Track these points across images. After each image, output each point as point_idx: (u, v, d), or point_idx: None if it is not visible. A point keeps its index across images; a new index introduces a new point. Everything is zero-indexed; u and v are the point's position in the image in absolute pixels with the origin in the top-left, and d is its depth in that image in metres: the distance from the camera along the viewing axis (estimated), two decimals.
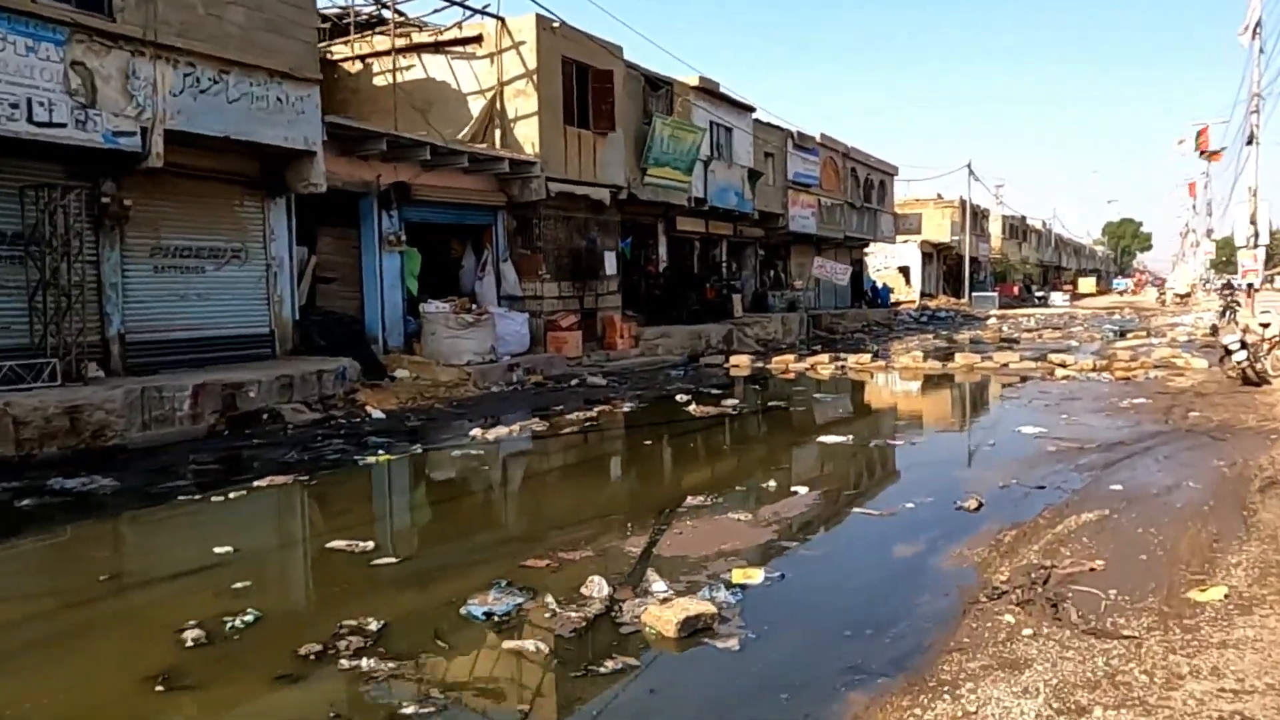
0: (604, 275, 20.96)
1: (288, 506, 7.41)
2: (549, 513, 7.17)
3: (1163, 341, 23.67)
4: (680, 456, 9.54)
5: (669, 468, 9.14)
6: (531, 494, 8.04)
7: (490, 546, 6.10)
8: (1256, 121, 27.96)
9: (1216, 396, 12.63)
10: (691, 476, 8.54)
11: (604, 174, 20.39)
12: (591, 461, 9.51)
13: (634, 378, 17.81)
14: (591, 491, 8.13)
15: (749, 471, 8.54)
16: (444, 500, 7.80)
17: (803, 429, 11.10)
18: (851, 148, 35.48)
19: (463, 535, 6.57)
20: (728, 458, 9.43)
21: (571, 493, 8.01)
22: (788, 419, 12.14)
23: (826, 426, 11.17)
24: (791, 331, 28.54)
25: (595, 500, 7.67)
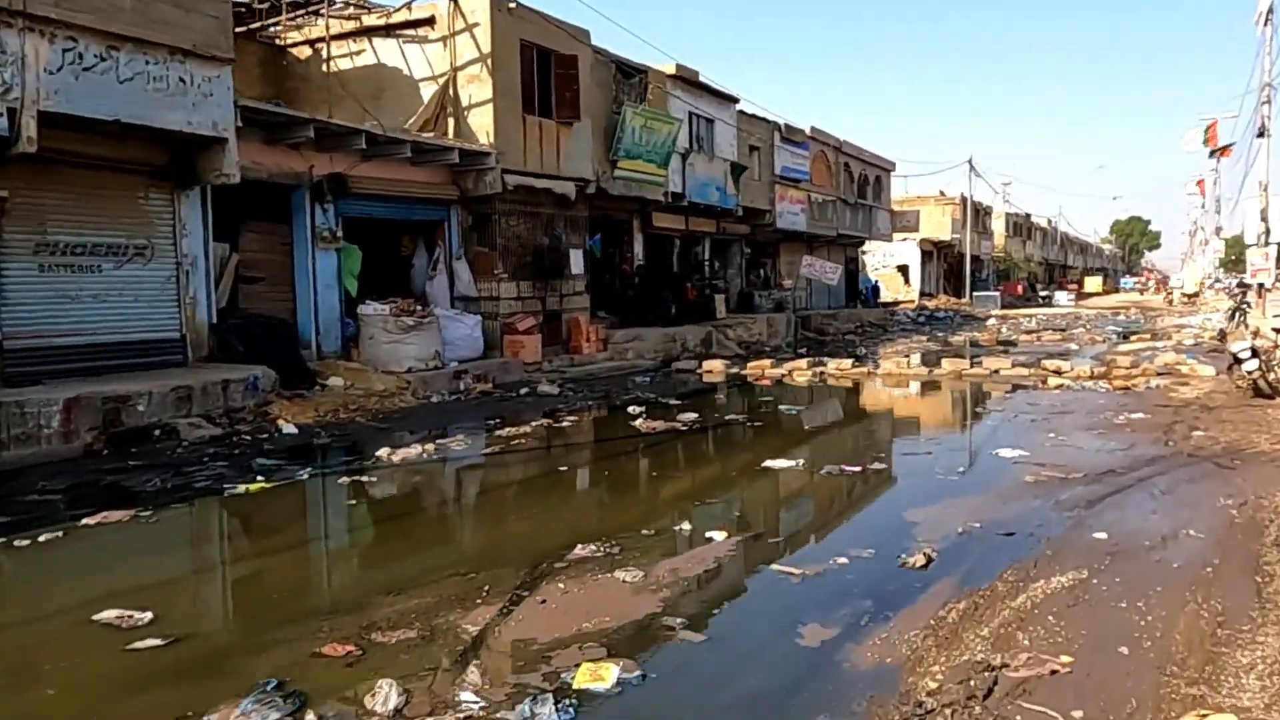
0: (569, 274, 19.66)
1: (90, 555, 6.12)
2: (397, 567, 5.87)
3: (1168, 345, 22.29)
4: (596, 487, 8.22)
5: (574, 503, 7.82)
6: (391, 540, 6.69)
7: (296, 619, 4.80)
8: (1267, 113, 26.53)
9: (1224, 411, 11.29)
10: (595, 516, 7.24)
11: (569, 166, 19.09)
12: (490, 493, 8.20)
13: (594, 385, 16.53)
14: (468, 536, 6.84)
15: (667, 508, 7.24)
16: (283, 549, 6.47)
17: (753, 450, 9.78)
18: (844, 141, 34.10)
19: (273, 601, 5.26)
20: (651, 489, 8.11)
21: (441, 538, 6.69)
22: (741, 437, 10.83)
23: (780, 447, 9.88)
24: (778, 333, 27.21)
25: (464, 549, 6.38)
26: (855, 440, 10.63)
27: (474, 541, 6.65)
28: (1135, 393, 13.71)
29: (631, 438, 10.84)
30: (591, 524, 6.77)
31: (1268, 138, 26.57)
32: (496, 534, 6.73)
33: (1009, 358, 19.09)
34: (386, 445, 9.87)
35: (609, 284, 23.21)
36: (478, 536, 6.79)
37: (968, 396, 14.63)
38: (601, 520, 6.96)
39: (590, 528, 6.51)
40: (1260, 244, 26.00)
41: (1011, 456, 8.81)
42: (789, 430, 11.15)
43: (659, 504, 7.41)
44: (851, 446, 10.06)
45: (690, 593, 5.09)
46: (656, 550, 5.86)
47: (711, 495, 7.51)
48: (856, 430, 11.42)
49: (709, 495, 7.48)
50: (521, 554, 5.86)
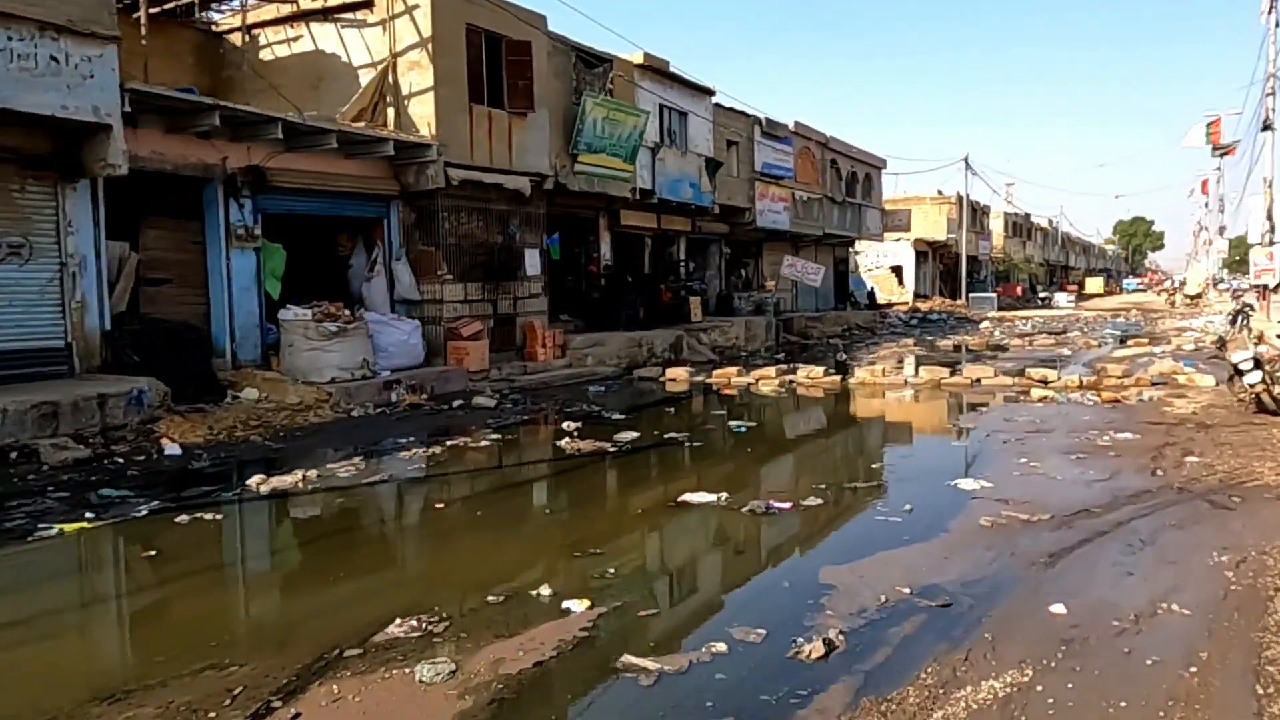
0: (524, 276, 18.40)
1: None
2: (138, 656, 4.61)
3: (1166, 351, 20.98)
4: (467, 533, 6.85)
5: (426, 556, 6.49)
6: (162, 612, 5.30)
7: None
8: (1272, 105, 25.21)
9: (1223, 430, 10.00)
10: (441, 574, 5.94)
11: (523, 160, 17.82)
12: (334, 540, 6.84)
13: (541, 396, 15.27)
14: (264, 606, 5.51)
15: (538, 562, 5.96)
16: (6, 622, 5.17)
17: (678, 479, 8.50)
18: (831, 137, 32.80)
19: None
20: (531, 535, 6.75)
21: (225, 609, 5.33)
22: (672, 462, 9.55)
23: (711, 475, 8.62)
24: (756, 337, 25.93)
25: (247, 626, 5.07)
26: (797, 466, 9.32)
27: (266, 614, 5.32)
28: (1126, 406, 12.41)
29: (548, 462, 9.59)
30: (430, 587, 5.50)
31: (1273, 132, 25.24)
32: (301, 603, 5.43)
33: (994, 365, 17.78)
34: (261, 473, 8.62)
35: (574, 286, 21.98)
36: (276, 607, 5.46)
37: (940, 411, 13.36)
38: (445, 581, 5.67)
39: (424, 593, 5.24)
40: (1264, 243, 24.67)
41: (971, 489, 7.53)
42: (728, 453, 9.86)
43: (530, 556, 6.12)
44: (790, 475, 8.77)
45: (500, 702, 3.81)
46: (489, 629, 4.59)
47: (600, 543, 6.22)
48: (803, 453, 10.11)
49: (597, 544, 6.19)
50: (316, 634, 4.60)
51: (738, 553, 6.05)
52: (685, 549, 6.31)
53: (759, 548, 6.21)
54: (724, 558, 6.09)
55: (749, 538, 6.48)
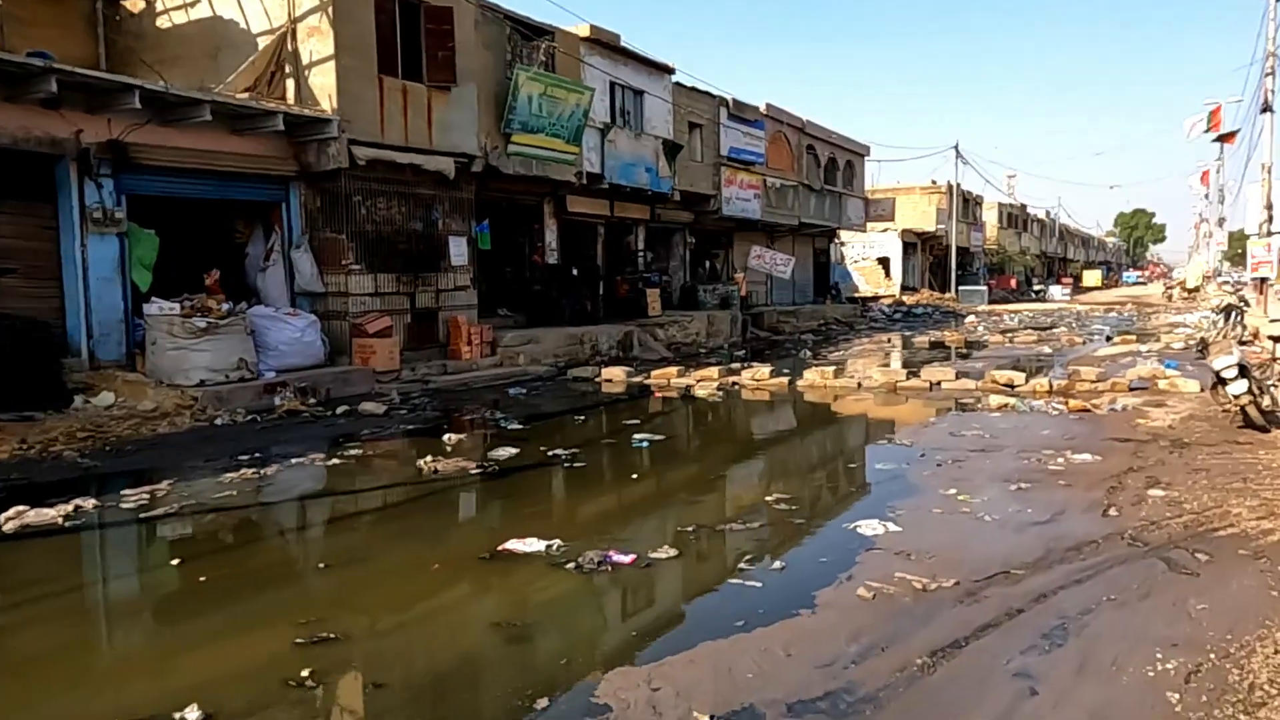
0: (448, 266, 16.81)
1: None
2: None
3: (1153, 350, 19.39)
4: (169, 610, 5.30)
5: (119, 647, 4.96)
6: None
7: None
8: (1272, 85, 23.55)
9: (1201, 451, 8.42)
10: (153, 671, 4.38)
11: (446, 139, 16.22)
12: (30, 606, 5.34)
13: (452, 399, 13.72)
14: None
15: (226, 661, 4.38)
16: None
17: (520, 516, 6.86)
18: (808, 121, 31.12)
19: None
20: (256, 613, 5.12)
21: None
22: (530, 491, 7.97)
23: (564, 511, 7.09)
24: (720, 333, 24.35)
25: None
26: (680, 497, 7.68)
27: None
28: (1094, 418, 10.83)
29: (385, 489, 8.04)
30: (126, 693, 3.94)
31: (1272, 114, 23.58)
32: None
33: (958, 366, 16.20)
34: (24, 504, 7.06)
35: (515, 278, 20.40)
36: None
37: (880, 422, 11.79)
38: (144, 682, 4.12)
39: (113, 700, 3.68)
40: (1262, 234, 23.04)
41: (873, 535, 5.97)
42: (607, 478, 8.27)
43: (233, 651, 4.54)
44: (664, 510, 7.16)
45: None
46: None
47: (345, 623, 4.65)
48: (697, 478, 8.42)
49: (339, 623, 4.62)
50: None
51: (512, 641, 4.47)
52: (446, 636, 4.69)
53: (548, 632, 4.62)
54: (483, 651, 4.47)
55: (547, 614, 4.90)
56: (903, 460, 8.55)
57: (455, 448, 9.57)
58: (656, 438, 10.00)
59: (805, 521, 6.42)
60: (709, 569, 5.49)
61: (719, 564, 5.53)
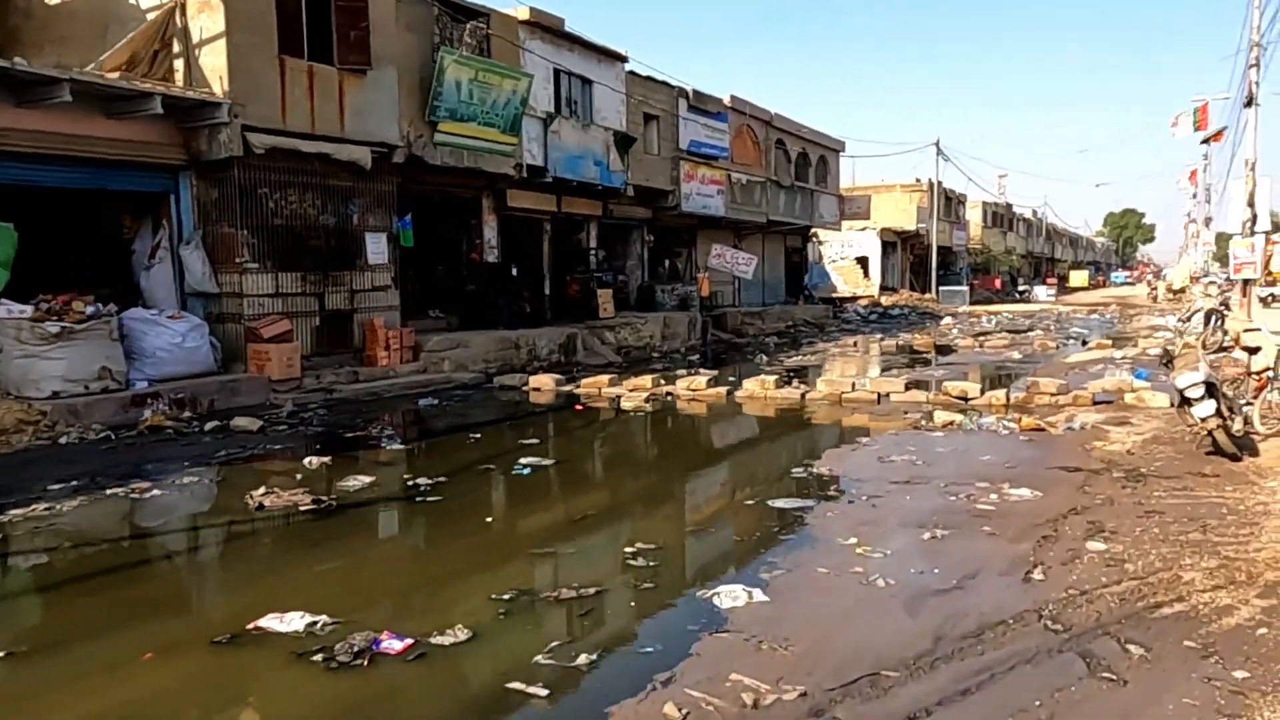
0: (364, 265, 15.51)
1: None
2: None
3: (1128, 357, 18.20)
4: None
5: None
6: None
7: None
8: (1256, 77, 22.37)
9: (1159, 485, 7.20)
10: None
11: (360, 127, 14.91)
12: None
13: (350, 411, 12.46)
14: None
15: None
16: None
17: (301, 579, 5.58)
18: (776, 114, 29.83)
19: None
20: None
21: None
22: (351, 535, 6.66)
23: (366, 570, 5.81)
24: (677, 335, 23.07)
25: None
26: (522, 548, 6.31)
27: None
28: (1047, 438, 9.60)
29: (177, 533, 6.78)
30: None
31: (1256, 107, 22.41)
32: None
33: (915, 374, 15.00)
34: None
35: (453, 277, 19.10)
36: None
37: (810, 441, 10.54)
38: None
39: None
40: (1245, 233, 21.85)
41: (730, 608, 4.73)
42: (453, 519, 6.91)
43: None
44: (489, 569, 5.78)
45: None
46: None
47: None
48: (559, 520, 7.00)
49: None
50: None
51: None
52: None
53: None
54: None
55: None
56: (814, 495, 7.30)
57: (310, 474, 8.30)
58: (545, 463, 8.73)
59: (655, 587, 5.15)
60: (493, 663, 4.20)
61: (511, 655, 4.25)
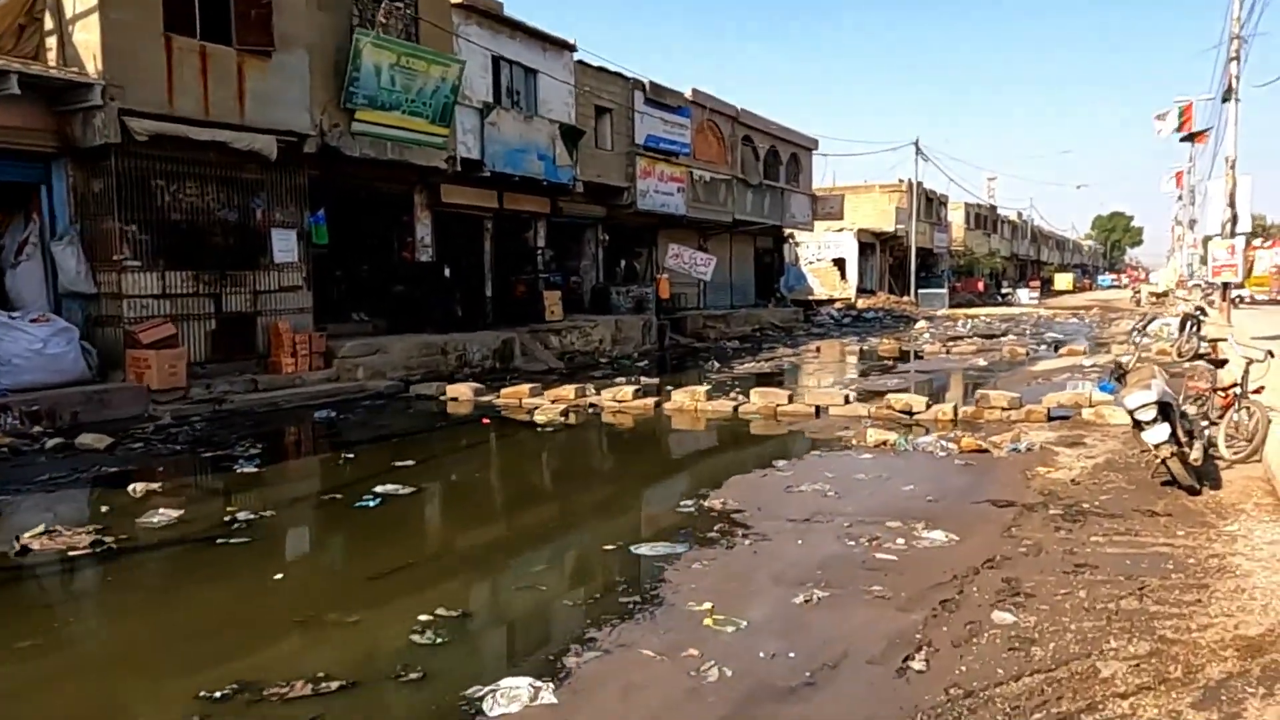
0: (270, 263, 14.31)
1: None
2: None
3: (1099, 365, 17.11)
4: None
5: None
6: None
7: None
8: (1236, 72, 21.33)
9: (1099, 526, 6.07)
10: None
11: (265, 113, 13.71)
12: None
13: (234, 426, 11.26)
14: None
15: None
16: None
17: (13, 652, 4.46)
18: (743, 110, 28.71)
19: None
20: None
21: None
22: (96, 594, 5.49)
23: (50, 657, 4.61)
24: (630, 339, 21.90)
25: None
26: (288, 612, 5.03)
27: None
28: (987, 462, 8.47)
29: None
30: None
31: (1236, 102, 21.37)
32: None
33: (867, 384, 13.87)
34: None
35: (382, 277, 17.89)
36: None
37: (720, 465, 9.35)
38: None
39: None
40: (1224, 234, 20.80)
41: (496, 717, 3.54)
42: (238, 573, 5.62)
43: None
44: (207, 658, 4.54)
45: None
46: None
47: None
48: (364, 573, 5.76)
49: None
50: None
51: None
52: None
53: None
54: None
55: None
56: (692, 537, 6.13)
57: (121, 506, 7.11)
58: (402, 491, 7.54)
59: (423, 677, 3.97)
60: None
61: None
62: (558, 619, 4.78)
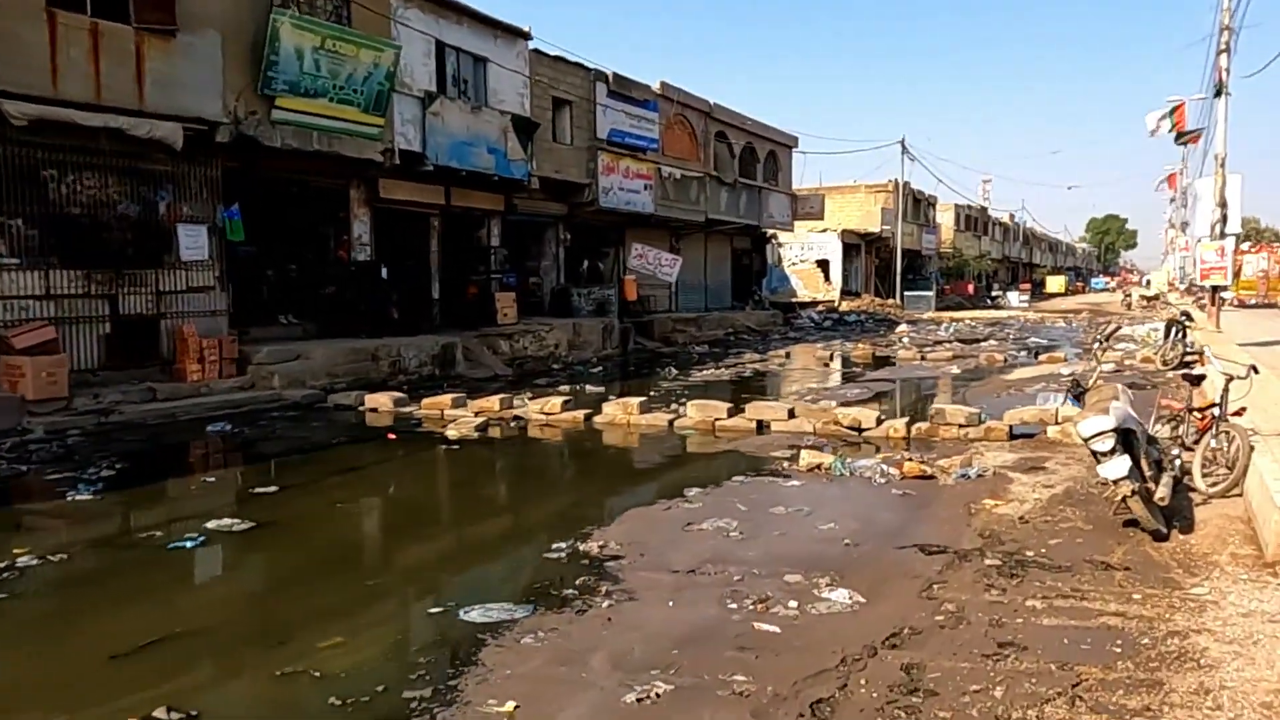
0: (175, 262, 13.19)
1: None
2: None
3: (1078, 374, 15.98)
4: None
5: None
6: None
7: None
8: (1226, 64, 20.27)
9: (1042, 584, 4.99)
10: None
11: (169, 99, 12.57)
12: None
13: (112, 441, 10.14)
14: None
15: None
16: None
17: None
18: (716, 105, 27.60)
19: None
20: None
21: None
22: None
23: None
24: (589, 344, 20.78)
25: None
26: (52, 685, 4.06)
27: None
28: (928, 491, 7.37)
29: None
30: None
31: (1226, 97, 20.31)
32: None
33: (818, 395, 12.77)
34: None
35: (317, 277, 16.75)
36: None
37: (625, 492, 8.25)
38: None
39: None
40: (1214, 235, 19.73)
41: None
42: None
43: None
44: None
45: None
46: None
47: None
48: (103, 645, 4.68)
49: None
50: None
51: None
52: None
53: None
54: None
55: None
56: (542, 594, 5.03)
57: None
58: (236, 528, 6.43)
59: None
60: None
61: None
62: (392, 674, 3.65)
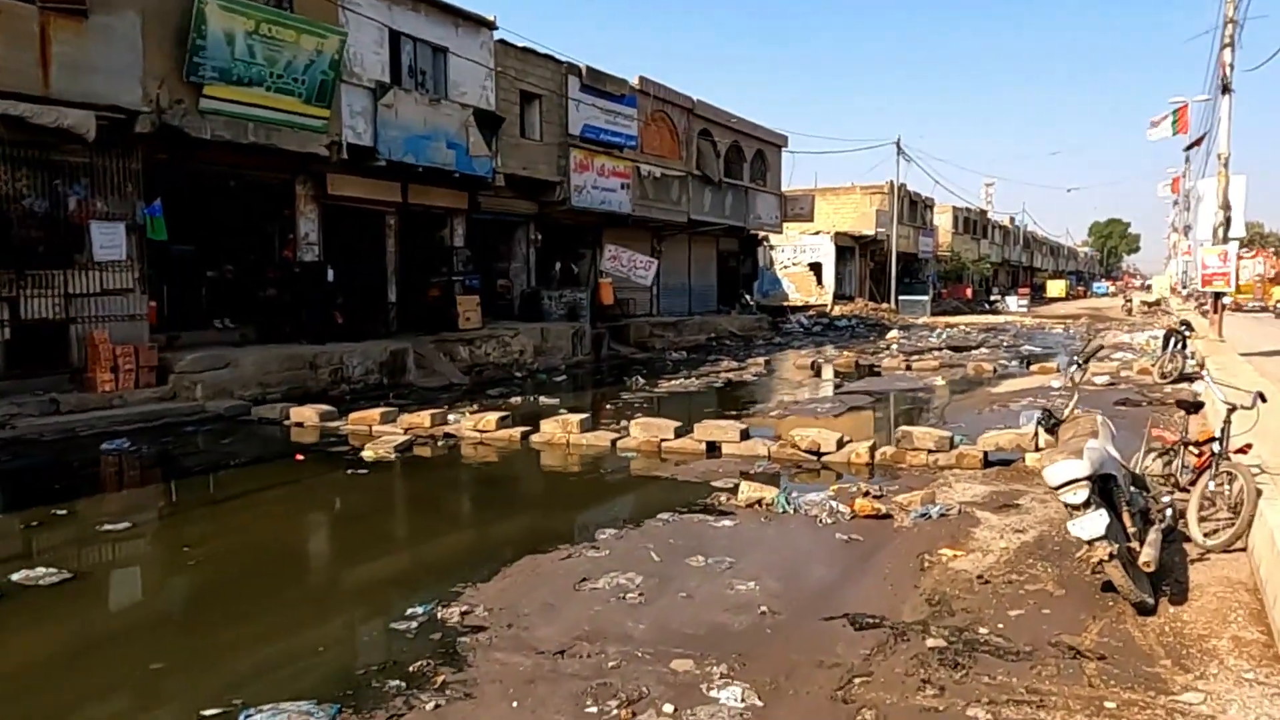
0: (88, 262, 12.17)
1: None
2: None
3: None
4: None
5: None
6: None
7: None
8: (1230, 59, 19.22)
9: (993, 678, 3.97)
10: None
11: (80, 85, 11.57)
12: None
13: (14, 457, 9.11)
14: None
15: None
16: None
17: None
18: (699, 101, 26.56)
19: None
20: None
21: None
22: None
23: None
24: (559, 349, 19.74)
25: None
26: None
27: None
28: (880, 535, 6.32)
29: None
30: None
31: (1230, 94, 19.25)
32: None
33: (784, 410, 11.71)
34: None
35: (255, 280, 15.73)
36: None
37: (526, 534, 7.15)
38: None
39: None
40: (1217, 239, 18.66)
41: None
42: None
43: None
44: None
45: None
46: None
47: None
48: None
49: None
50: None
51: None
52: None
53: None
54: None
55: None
56: (358, 690, 3.99)
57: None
58: (44, 581, 5.39)
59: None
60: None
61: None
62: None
